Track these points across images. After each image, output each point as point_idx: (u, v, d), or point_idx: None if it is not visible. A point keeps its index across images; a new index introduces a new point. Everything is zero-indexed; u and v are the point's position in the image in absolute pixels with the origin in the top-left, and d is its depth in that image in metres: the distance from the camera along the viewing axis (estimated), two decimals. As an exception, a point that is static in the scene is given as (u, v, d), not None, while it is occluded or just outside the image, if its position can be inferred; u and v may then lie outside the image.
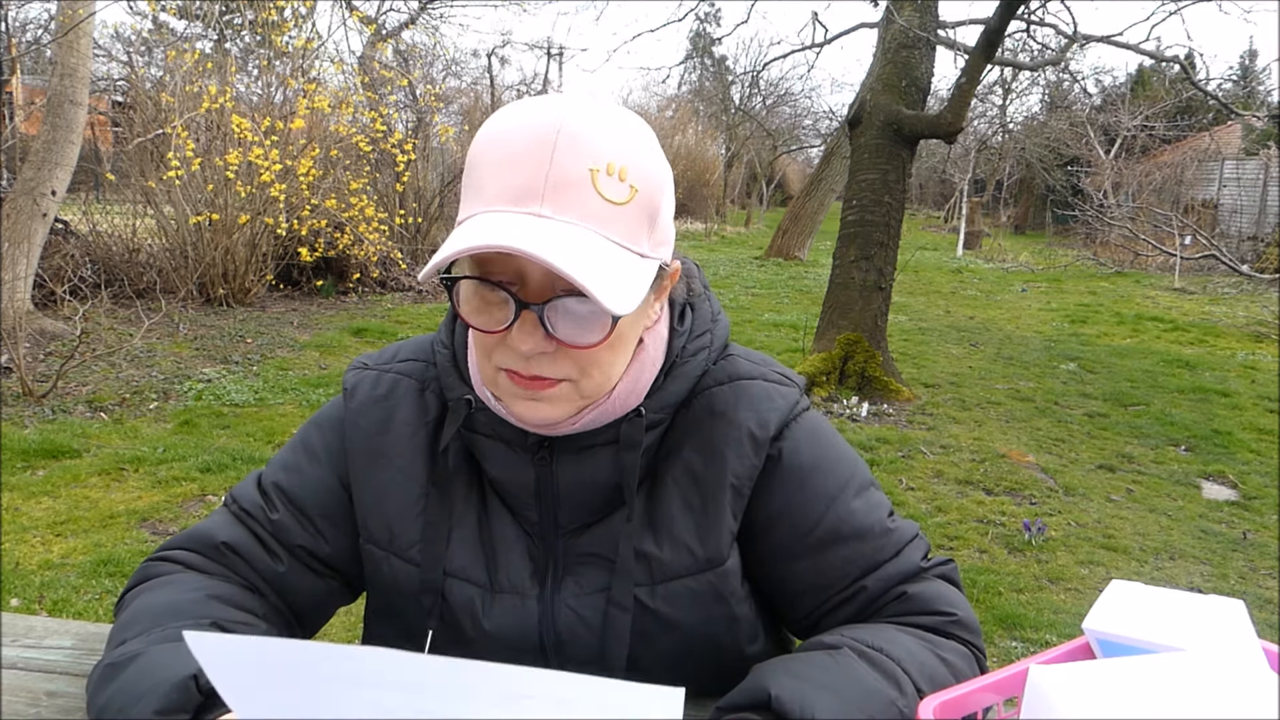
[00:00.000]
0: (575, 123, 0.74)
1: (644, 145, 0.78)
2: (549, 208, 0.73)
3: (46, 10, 13.53)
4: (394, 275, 9.44)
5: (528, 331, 0.76)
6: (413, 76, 12.12)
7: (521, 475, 0.88)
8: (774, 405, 0.90)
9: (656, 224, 0.80)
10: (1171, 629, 0.73)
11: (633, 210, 0.76)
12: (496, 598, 0.89)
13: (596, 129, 0.75)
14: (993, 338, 8.53)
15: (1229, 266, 10.49)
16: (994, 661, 2.53)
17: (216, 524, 0.95)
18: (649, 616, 0.87)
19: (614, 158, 0.75)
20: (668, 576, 0.87)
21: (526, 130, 0.75)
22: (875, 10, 9.58)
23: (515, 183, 0.74)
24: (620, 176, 0.75)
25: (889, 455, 4.72)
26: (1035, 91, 24.92)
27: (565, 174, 0.73)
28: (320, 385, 5.57)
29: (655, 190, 0.78)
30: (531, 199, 0.73)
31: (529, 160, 0.74)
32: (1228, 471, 4.74)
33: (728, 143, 26.70)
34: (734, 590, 0.89)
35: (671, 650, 0.88)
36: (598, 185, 0.74)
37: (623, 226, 0.76)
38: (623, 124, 0.78)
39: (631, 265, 0.76)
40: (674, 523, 0.87)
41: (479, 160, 0.77)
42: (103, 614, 2.78)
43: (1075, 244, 18.84)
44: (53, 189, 6.07)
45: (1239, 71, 31.33)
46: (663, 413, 0.88)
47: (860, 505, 0.91)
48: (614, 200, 0.75)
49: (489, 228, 0.72)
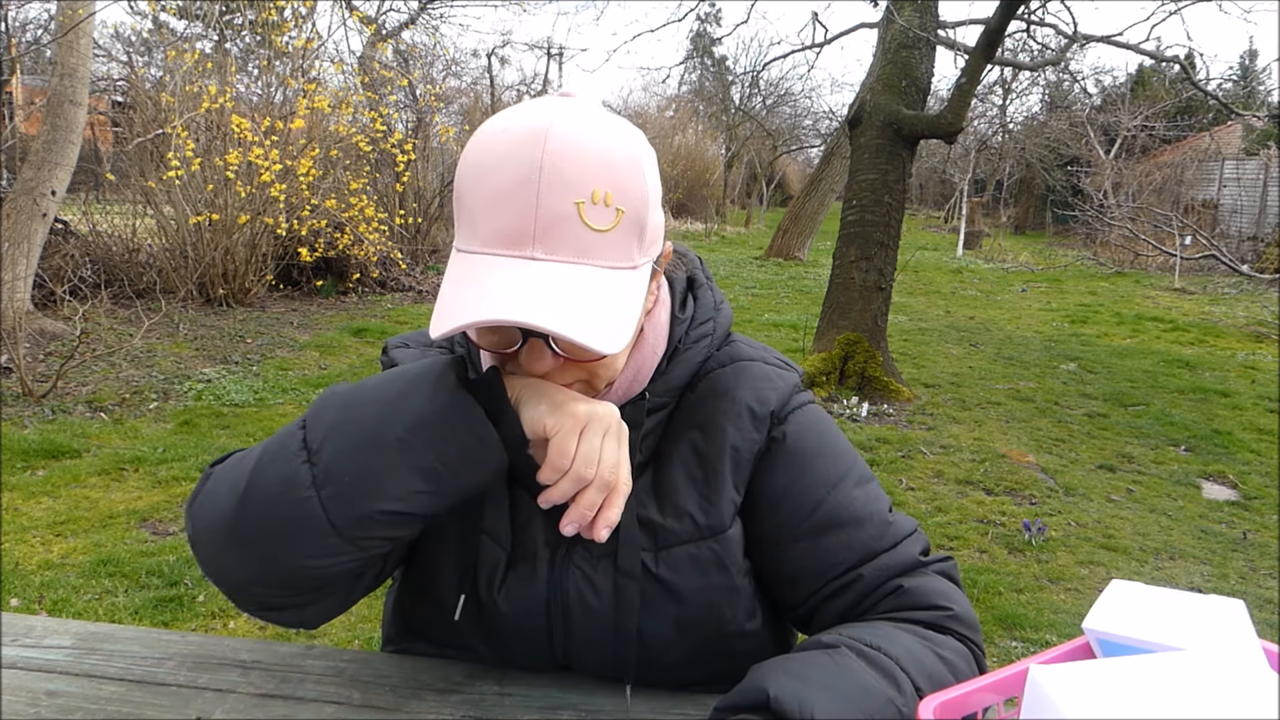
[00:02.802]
0: (557, 155, 0.75)
1: (626, 162, 0.78)
2: (540, 249, 0.75)
3: (46, 10, 13.53)
4: (394, 275, 9.43)
5: (537, 355, 0.80)
6: (413, 76, 12.13)
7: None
8: (773, 385, 0.94)
9: (645, 232, 0.81)
10: (1171, 629, 0.73)
11: (621, 232, 0.78)
12: (512, 571, 0.91)
13: (578, 158, 0.75)
14: (993, 338, 8.53)
15: (1229, 266, 10.48)
16: (994, 661, 2.53)
17: None
18: (653, 583, 0.89)
19: (598, 184, 0.76)
20: (670, 543, 0.90)
21: (510, 164, 0.75)
22: (875, 10, 9.60)
23: (505, 227, 0.75)
24: (606, 202, 0.76)
25: (889, 455, 4.72)
26: (1035, 91, 24.95)
27: (552, 214, 0.75)
28: (320, 385, 5.57)
29: (641, 205, 0.79)
30: (523, 242, 0.75)
31: (516, 201, 0.75)
32: (1228, 471, 4.74)
33: (728, 143, 26.72)
34: (736, 560, 0.92)
35: (676, 620, 0.90)
36: (585, 218, 0.75)
37: (613, 250, 0.78)
38: (604, 143, 0.77)
39: (624, 286, 0.78)
40: (678, 493, 0.91)
41: (467, 193, 0.78)
42: (102, 614, 2.78)
43: (1075, 244, 18.86)
44: (53, 189, 6.07)
45: (1239, 71, 31.35)
46: (667, 396, 0.93)
47: (860, 494, 0.93)
48: (602, 229, 0.76)
49: (488, 287, 0.74)
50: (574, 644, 0.92)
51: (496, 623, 0.92)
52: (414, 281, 9.59)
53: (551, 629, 0.91)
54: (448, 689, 0.92)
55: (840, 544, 0.91)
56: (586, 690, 0.92)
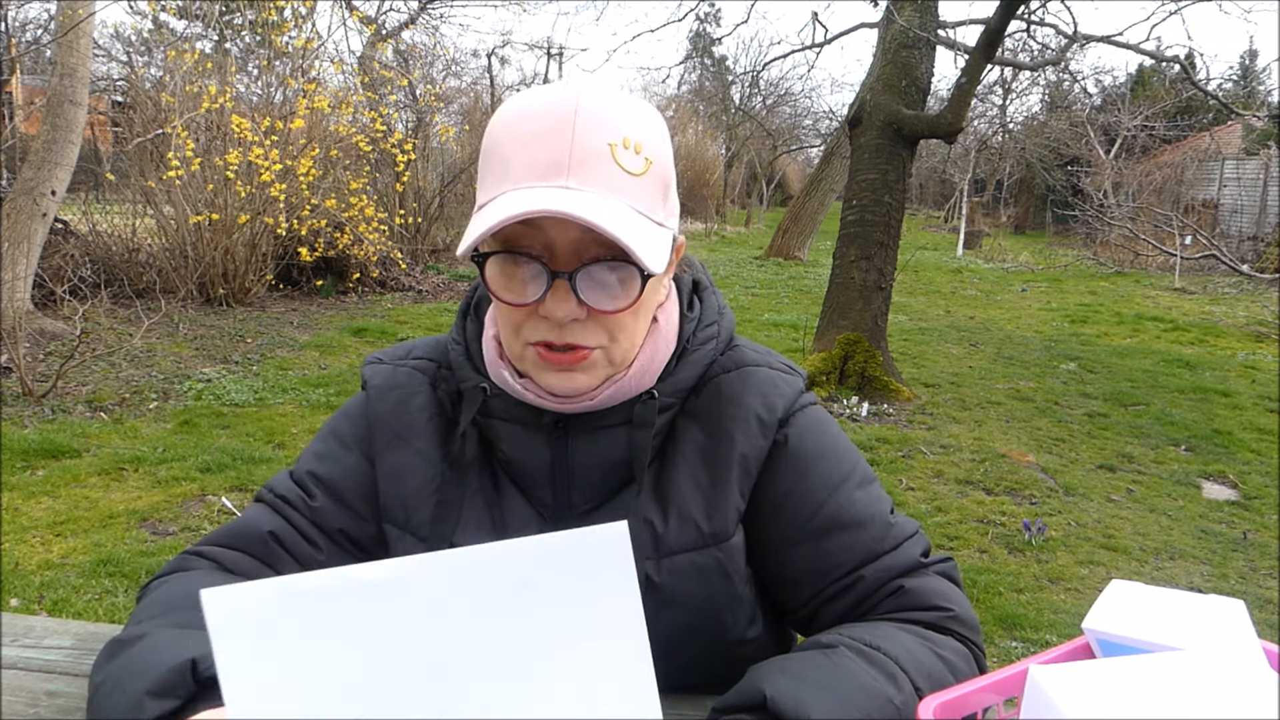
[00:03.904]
0: (591, 101, 0.79)
1: (654, 122, 0.84)
2: (575, 180, 0.78)
3: (46, 10, 13.52)
4: (394, 275, 9.44)
5: (561, 299, 0.80)
6: (413, 76, 12.13)
7: (537, 456, 0.91)
8: (780, 391, 0.94)
9: (669, 195, 0.85)
10: (1171, 629, 0.73)
11: (649, 181, 0.81)
12: None
13: (611, 106, 0.80)
14: (993, 338, 8.53)
15: (1229, 266, 10.48)
16: (994, 661, 2.53)
17: (256, 516, 0.95)
18: (653, 591, 0.88)
19: (629, 132, 0.80)
20: (673, 550, 0.89)
21: (546, 110, 0.80)
22: (875, 10, 9.60)
23: (541, 159, 0.78)
24: (636, 150, 0.80)
25: (889, 455, 4.72)
26: (1035, 91, 24.90)
27: (587, 148, 0.78)
28: (320, 385, 5.57)
29: (667, 164, 0.84)
30: (558, 173, 0.78)
31: (552, 137, 0.78)
32: (1228, 471, 4.74)
33: (728, 143, 26.71)
34: (738, 568, 0.91)
35: (675, 627, 0.89)
36: (617, 158, 0.79)
37: (642, 196, 0.81)
38: (632, 102, 0.83)
39: (654, 231, 0.82)
40: (682, 499, 0.90)
41: (500, 141, 0.81)
42: (102, 614, 2.78)
43: (1075, 244, 18.86)
44: (53, 189, 6.08)
45: (1239, 71, 31.34)
46: (674, 396, 0.92)
47: (862, 496, 0.93)
48: (633, 172, 0.80)
49: (524, 200, 0.76)
50: None
51: None
52: (414, 281, 9.60)
53: None
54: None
55: (842, 546, 0.90)
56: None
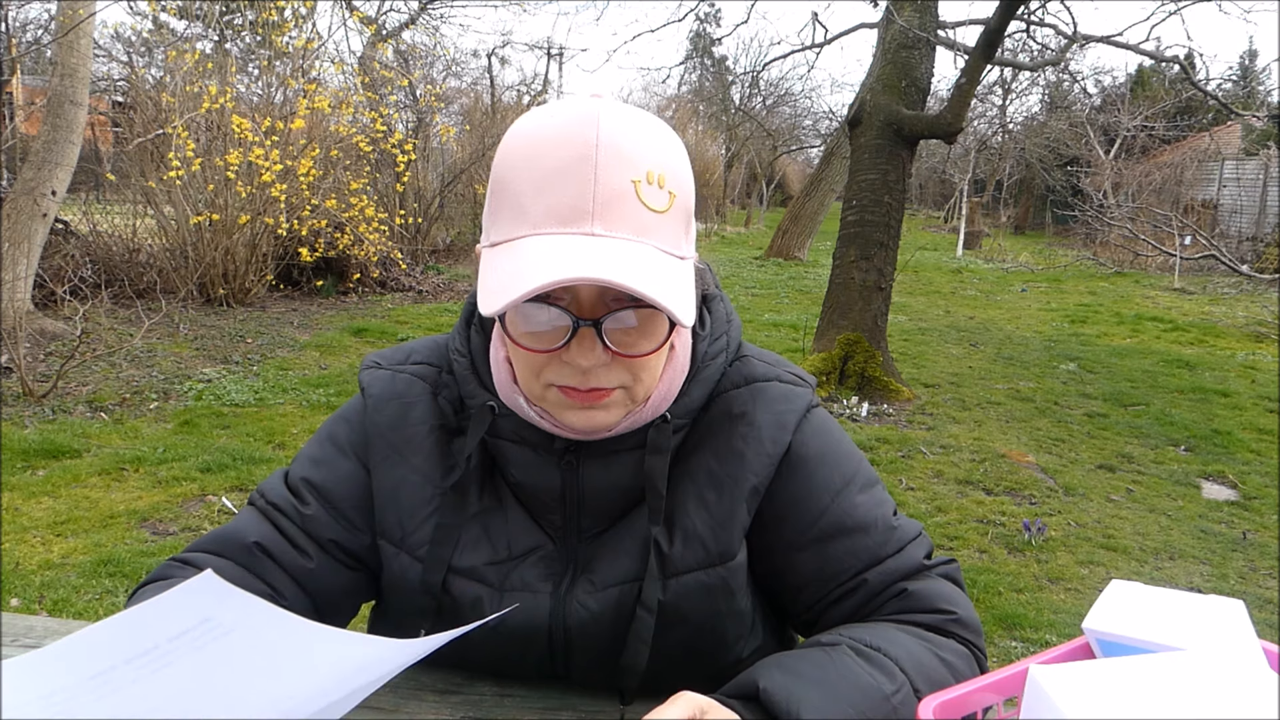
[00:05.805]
0: (611, 134, 0.74)
1: (674, 148, 0.79)
2: (600, 225, 0.73)
3: (46, 10, 13.53)
4: (394, 275, 9.43)
5: (587, 347, 0.77)
6: (413, 76, 12.14)
7: (547, 480, 0.88)
8: (791, 406, 0.91)
9: (690, 225, 0.81)
10: (1171, 629, 0.73)
11: (673, 217, 0.77)
12: (506, 596, 0.89)
13: (632, 138, 0.75)
14: (993, 338, 8.53)
15: (1229, 266, 10.49)
16: (994, 661, 2.53)
17: (245, 523, 0.93)
18: (660, 611, 0.87)
19: (651, 165, 0.75)
20: (679, 570, 0.87)
21: (563, 142, 0.74)
22: (875, 10, 9.59)
23: (562, 203, 0.73)
24: (659, 184, 0.76)
25: (889, 455, 4.72)
26: (1035, 92, 24.91)
27: (610, 189, 0.73)
28: (320, 385, 5.57)
29: (689, 192, 0.80)
30: (581, 219, 0.73)
31: (573, 177, 0.73)
32: (1228, 471, 4.74)
33: (728, 143, 26.72)
34: (741, 584, 0.90)
35: (680, 645, 0.89)
36: (642, 196, 0.74)
37: (667, 234, 0.77)
38: (652, 129, 0.78)
39: (680, 272, 0.77)
40: (689, 519, 0.88)
41: (515, 175, 0.76)
42: (103, 614, 2.78)
43: (1075, 244, 18.84)
44: (53, 189, 6.07)
45: (1239, 71, 31.32)
46: (685, 417, 0.89)
47: (865, 500, 0.92)
48: (657, 209, 0.76)
49: (551, 256, 0.72)
50: (574, 672, 0.91)
51: (493, 651, 0.91)
52: (414, 281, 9.59)
53: (553, 658, 0.90)
54: (447, 689, 0.91)
55: (845, 550, 0.89)
56: (586, 692, 0.92)
